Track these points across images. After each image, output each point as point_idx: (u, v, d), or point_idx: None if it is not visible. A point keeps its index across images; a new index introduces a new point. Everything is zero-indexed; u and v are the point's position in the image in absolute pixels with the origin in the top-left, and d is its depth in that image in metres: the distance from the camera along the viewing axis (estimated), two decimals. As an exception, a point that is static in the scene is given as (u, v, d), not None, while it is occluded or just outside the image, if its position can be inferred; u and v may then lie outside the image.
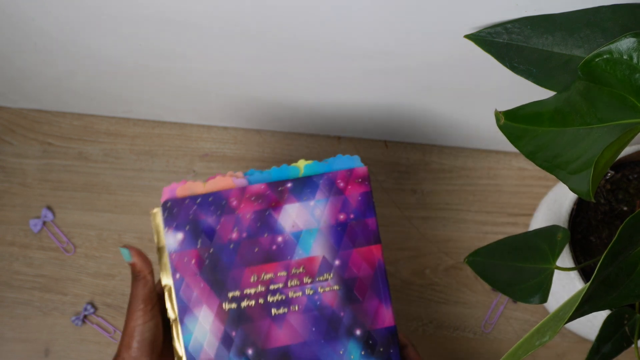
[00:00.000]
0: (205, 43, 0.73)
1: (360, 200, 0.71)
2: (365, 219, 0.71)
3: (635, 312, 0.67)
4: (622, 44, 0.49)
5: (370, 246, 0.71)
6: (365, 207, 0.71)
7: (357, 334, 0.70)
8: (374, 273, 0.71)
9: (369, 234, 0.71)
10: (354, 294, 0.70)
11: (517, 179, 0.97)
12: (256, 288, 0.70)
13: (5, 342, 0.89)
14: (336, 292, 0.70)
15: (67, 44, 0.76)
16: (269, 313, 0.70)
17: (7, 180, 0.93)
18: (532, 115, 0.56)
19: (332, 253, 0.70)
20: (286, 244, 0.71)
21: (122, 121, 0.96)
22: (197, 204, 0.71)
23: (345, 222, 0.71)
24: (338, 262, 0.71)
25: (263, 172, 0.72)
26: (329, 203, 0.71)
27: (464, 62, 0.71)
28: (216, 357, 0.69)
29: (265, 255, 0.70)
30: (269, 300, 0.70)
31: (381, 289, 0.71)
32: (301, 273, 0.70)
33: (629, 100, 0.50)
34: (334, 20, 0.66)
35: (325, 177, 0.71)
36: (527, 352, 0.49)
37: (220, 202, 0.71)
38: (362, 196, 0.71)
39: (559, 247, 0.69)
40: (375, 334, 0.70)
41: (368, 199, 0.71)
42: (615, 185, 0.81)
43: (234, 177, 0.72)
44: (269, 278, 0.70)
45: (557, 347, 0.92)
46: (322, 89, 0.83)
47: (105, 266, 0.92)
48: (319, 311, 0.70)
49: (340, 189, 0.71)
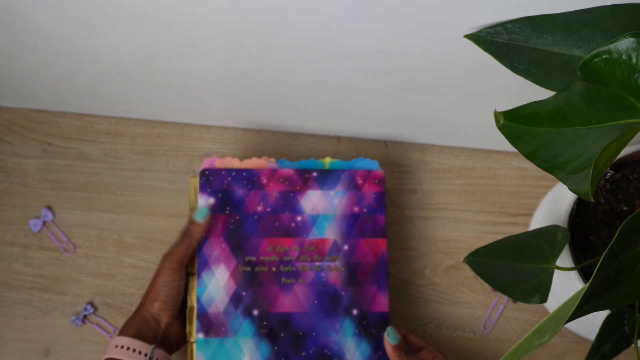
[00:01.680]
0: (206, 43, 0.73)
1: (374, 198, 0.81)
2: (377, 215, 0.80)
3: (635, 312, 0.67)
4: (621, 44, 0.49)
5: (377, 239, 0.80)
6: (378, 204, 0.81)
7: (354, 314, 0.78)
8: (377, 263, 0.79)
9: (378, 228, 0.80)
10: (357, 278, 0.79)
11: (517, 179, 0.97)
12: (271, 257, 0.78)
13: (5, 342, 0.89)
14: (341, 273, 0.78)
15: (67, 44, 0.76)
16: (278, 281, 0.78)
17: (7, 180, 0.94)
18: (532, 116, 0.56)
19: (342, 238, 0.79)
20: (304, 223, 0.80)
21: (122, 121, 0.96)
22: (231, 176, 0.80)
23: (358, 214, 0.80)
24: (347, 247, 0.79)
25: (293, 162, 0.83)
26: (346, 195, 0.81)
27: (464, 62, 0.71)
28: (224, 312, 0.76)
29: (284, 230, 0.79)
30: (280, 270, 0.78)
31: (381, 278, 0.79)
32: (313, 251, 0.79)
33: (628, 100, 0.50)
34: (334, 20, 0.66)
35: (347, 173, 0.81)
36: (527, 352, 0.49)
37: (252, 178, 0.80)
38: (377, 195, 0.81)
39: (558, 247, 0.69)
40: (369, 316, 0.78)
41: (381, 199, 0.81)
42: (615, 185, 0.81)
43: (267, 160, 0.82)
44: (283, 250, 0.79)
45: (557, 347, 0.92)
46: (322, 89, 0.83)
47: (105, 266, 0.92)
48: (323, 287, 0.78)
49: (358, 185, 0.81)
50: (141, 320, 0.74)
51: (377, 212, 0.81)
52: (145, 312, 0.74)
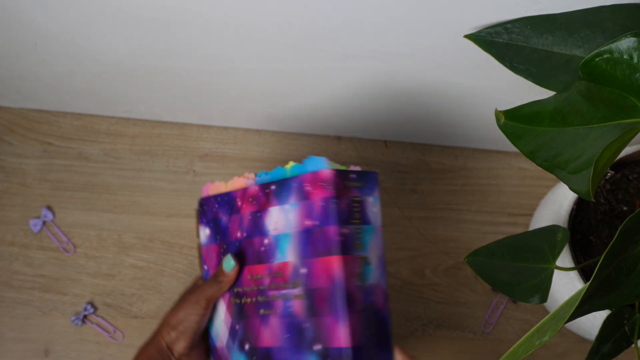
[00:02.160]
0: (206, 43, 0.73)
1: (322, 205, 0.63)
2: (326, 227, 0.62)
3: (635, 312, 0.67)
4: (622, 43, 0.49)
5: (330, 257, 0.62)
6: (326, 213, 0.62)
7: (316, 349, 0.63)
8: (332, 287, 0.62)
9: (328, 243, 0.62)
10: (315, 306, 0.63)
11: (517, 179, 0.97)
12: (251, 287, 0.69)
13: (5, 342, 0.89)
14: (302, 301, 0.64)
15: (67, 44, 0.76)
16: (258, 312, 0.69)
17: (7, 180, 0.93)
18: (532, 115, 0.56)
19: (300, 260, 0.64)
20: (270, 246, 0.67)
21: (122, 121, 0.96)
22: (218, 202, 0.72)
23: (310, 228, 0.64)
24: (304, 271, 0.64)
25: (269, 172, 0.69)
26: (298, 207, 0.65)
27: (464, 62, 0.71)
28: (226, 346, 0.71)
29: (257, 256, 0.68)
30: (259, 300, 0.69)
31: (338, 306, 0.61)
32: (279, 277, 0.66)
33: (629, 100, 0.50)
34: (334, 20, 0.66)
35: (297, 180, 0.65)
36: (527, 352, 0.49)
37: (231, 202, 0.71)
38: (324, 201, 0.62)
39: (558, 247, 0.69)
40: (330, 352, 0.62)
41: (329, 205, 0.62)
42: (615, 185, 0.81)
43: (246, 178, 0.71)
44: (259, 278, 0.68)
45: (557, 347, 0.92)
46: (322, 89, 0.83)
47: (105, 266, 0.92)
48: (290, 318, 0.65)
49: (306, 193, 0.64)
50: (155, 351, 0.72)
51: (326, 223, 0.62)
52: (160, 340, 0.72)
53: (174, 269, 0.92)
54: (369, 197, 0.65)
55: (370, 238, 0.63)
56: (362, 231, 0.63)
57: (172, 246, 0.93)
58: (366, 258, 0.63)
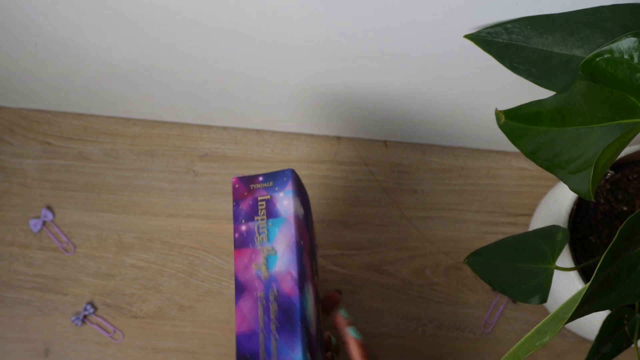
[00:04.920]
0: (206, 43, 0.73)
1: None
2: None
3: (635, 312, 0.67)
4: (623, 43, 0.49)
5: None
6: (234, 215, 0.69)
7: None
8: (235, 278, 0.68)
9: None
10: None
11: (517, 179, 0.97)
12: None
13: (5, 342, 0.89)
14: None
15: (67, 44, 0.76)
16: None
17: (7, 180, 0.93)
18: (533, 115, 0.56)
19: None
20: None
21: (122, 121, 0.96)
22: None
23: None
24: None
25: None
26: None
27: (464, 62, 0.71)
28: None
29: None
30: None
31: (236, 294, 0.66)
32: None
33: (629, 100, 0.50)
34: (334, 20, 0.66)
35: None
36: (527, 353, 0.49)
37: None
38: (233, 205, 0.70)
39: (558, 247, 0.69)
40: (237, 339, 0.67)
41: (233, 207, 0.69)
42: (615, 185, 0.81)
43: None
44: None
45: (557, 347, 0.92)
46: (322, 89, 0.83)
47: (105, 266, 0.91)
48: None
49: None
50: None
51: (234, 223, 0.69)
52: None
53: (174, 269, 0.92)
54: (279, 193, 0.69)
55: (277, 230, 0.68)
56: (268, 225, 0.68)
57: (172, 246, 0.93)
58: (271, 249, 0.67)
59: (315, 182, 0.96)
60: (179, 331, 0.90)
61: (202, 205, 0.94)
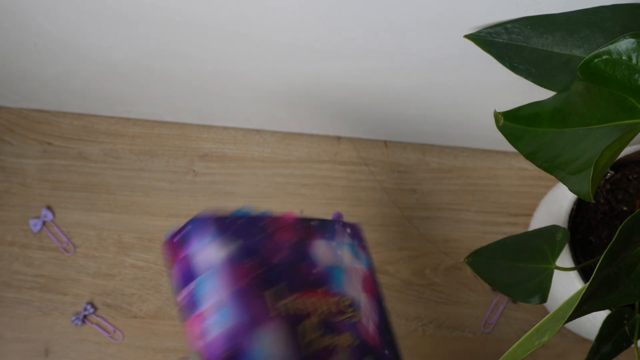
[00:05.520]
0: (206, 43, 0.73)
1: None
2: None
3: (635, 312, 0.67)
4: (622, 44, 0.49)
5: None
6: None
7: None
8: None
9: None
10: None
11: (517, 179, 0.97)
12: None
13: (5, 342, 0.89)
14: None
15: (67, 44, 0.76)
16: None
17: (7, 180, 0.93)
18: (532, 116, 0.56)
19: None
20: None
21: (122, 121, 0.96)
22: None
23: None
24: None
25: None
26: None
27: (464, 62, 0.71)
28: None
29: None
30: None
31: None
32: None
33: (628, 101, 0.50)
34: (334, 20, 0.66)
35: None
36: (526, 352, 0.49)
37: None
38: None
39: (558, 247, 0.69)
40: None
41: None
42: (615, 185, 0.81)
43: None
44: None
45: (557, 347, 0.92)
46: (322, 89, 0.83)
47: (105, 266, 0.91)
48: None
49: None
50: None
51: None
52: None
53: (174, 269, 0.92)
54: (199, 246, 0.59)
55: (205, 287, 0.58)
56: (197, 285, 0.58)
57: (172, 246, 0.93)
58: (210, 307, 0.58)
59: (315, 182, 0.96)
60: (179, 331, 0.90)
61: (202, 205, 0.94)
